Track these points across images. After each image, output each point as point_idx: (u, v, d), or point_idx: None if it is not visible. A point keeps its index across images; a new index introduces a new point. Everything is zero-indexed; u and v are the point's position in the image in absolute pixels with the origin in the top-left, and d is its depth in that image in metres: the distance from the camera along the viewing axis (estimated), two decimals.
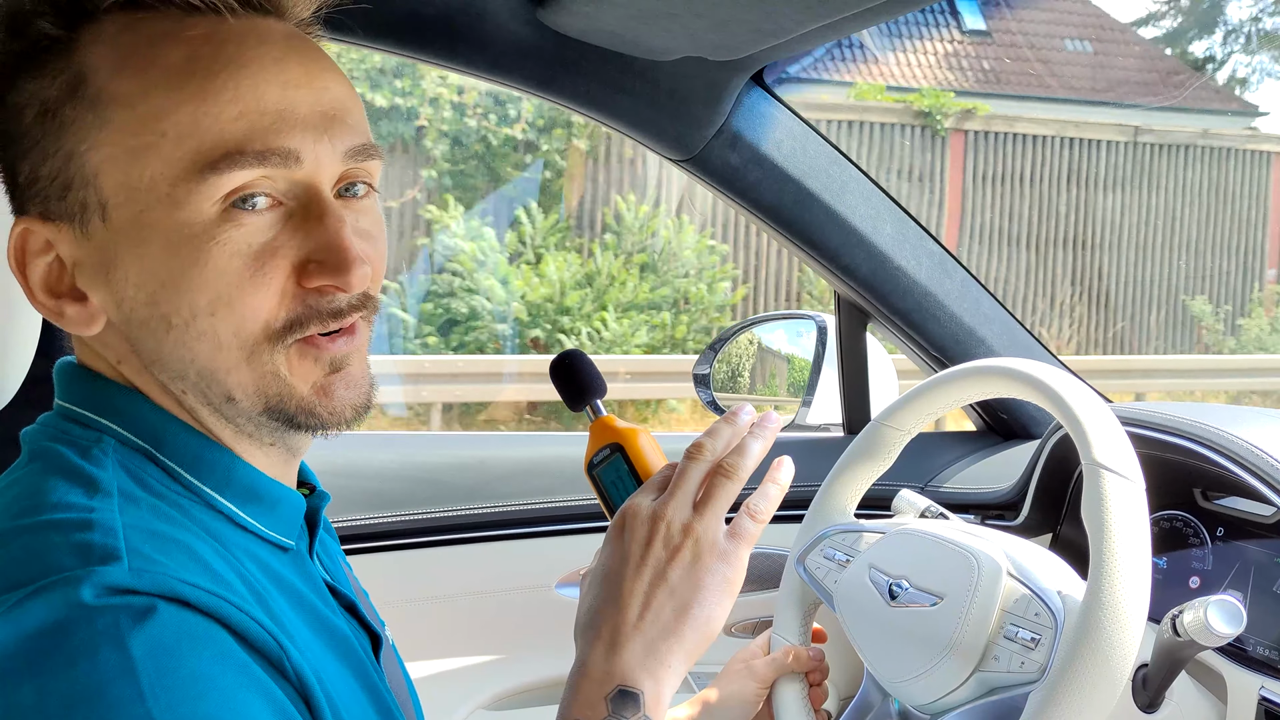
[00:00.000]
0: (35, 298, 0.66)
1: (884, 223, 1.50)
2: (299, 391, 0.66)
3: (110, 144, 0.63)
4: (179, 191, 0.62)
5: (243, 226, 0.63)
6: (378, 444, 1.63)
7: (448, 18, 1.20)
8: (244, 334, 0.64)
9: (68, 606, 0.53)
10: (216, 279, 0.63)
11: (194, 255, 0.62)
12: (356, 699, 0.68)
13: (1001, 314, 1.59)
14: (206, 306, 0.63)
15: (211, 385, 0.66)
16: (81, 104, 0.63)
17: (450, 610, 1.49)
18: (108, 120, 0.62)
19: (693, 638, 0.73)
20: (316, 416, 0.67)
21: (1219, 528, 1.17)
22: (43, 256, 0.66)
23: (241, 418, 0.68)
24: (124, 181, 0.62)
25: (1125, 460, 0.86)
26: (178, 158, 0.62)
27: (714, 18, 1.13)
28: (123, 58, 0.63)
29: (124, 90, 0.62)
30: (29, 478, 0.63)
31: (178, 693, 0.52)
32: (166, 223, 0.62)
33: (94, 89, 0.63)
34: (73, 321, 0.66)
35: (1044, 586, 0.91)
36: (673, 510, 0.75)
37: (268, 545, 0.70)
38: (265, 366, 0.65)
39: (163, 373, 0.67)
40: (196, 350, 0.64)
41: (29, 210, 0.66)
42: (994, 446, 1.65)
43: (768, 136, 1.40)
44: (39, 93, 0.64)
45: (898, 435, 1.11)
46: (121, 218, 0.63)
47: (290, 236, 0.65)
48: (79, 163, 0.63)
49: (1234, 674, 1.04)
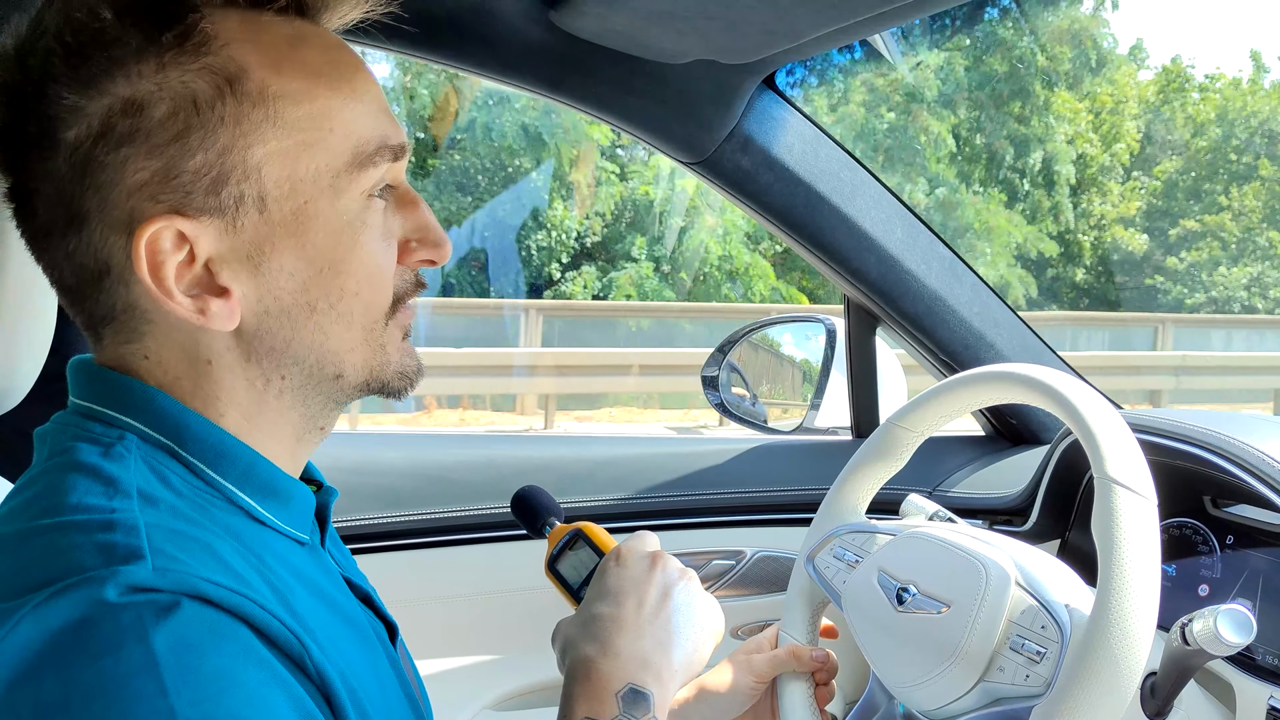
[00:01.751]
0: (173, 297, 0.64)
1: (895, 227, 1.50)
2: (392, 360, 0.73)
3: (278, 139, 0.65)
4: (340, 182, 0.67)
5: (378, 213, 0.70)
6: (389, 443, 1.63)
7: (459, 18, 1.20)
8: (373, 311, 0.70)
9: (91, 604, 0.54)
10: (369, 259, 0.69)
11: (352, 240, 0.68)
12: (380, 687, 0.69)
13: (1011, 319, 1.59)
14: (354, 287, 0.69)
15: (326, 365, 0.70)
16: (244, 100, 0.64)
17: (457, 610, 1.49)
18: (277, 117, 0.65)
19: (686, 658, 0.80)
20: (407, 379, 0.74)
21: (1229, 536, 1.16)
22: (176, 254, 0.64)
23: (330, 395, 0.72)
24: (289, 174, 0.66)
25: (1138, 475, 0.85)
26: (339, 151, 0.67)
27: (726, 20, 1.13)
28: (275, 57, 0.66)
29: (291, 88, 0.66)
30: (49, 476, 0.63)
31: (200, 689, 0.53)
32: (329, 212, 0.67)
33: (255, 86, 0.64)
34: (218, 317, 0.66)
35: (1052, 599, 0.91)
36: (668, 557, 0.86)
37: (285, 540, 0.70)
38: (377, 340, 0.71)
39: (278, 359, 0.68)
40: (330, 332, 0.69)
41: (151, 209, 0.64)
42: (1002, 451, 1.65)
43: (779, 140, 1.40)
44: (181, 88, 0.63)
45: (911, 436, 1.11)
46: (282, 210, 0.66)
47: (394, 219, 0.72)
48: (239, 157, 0.64)
49: (1243, 683, 1.04)
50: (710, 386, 1.76)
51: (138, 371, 0.68)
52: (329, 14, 0.71)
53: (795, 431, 1.69)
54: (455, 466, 1.52)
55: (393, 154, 0.70)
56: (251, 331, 0.67)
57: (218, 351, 0.68)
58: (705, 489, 1.59)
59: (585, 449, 1.64)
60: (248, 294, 0.66)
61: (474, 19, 1.20)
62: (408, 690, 0.75)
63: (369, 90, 0.69)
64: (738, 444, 1.68)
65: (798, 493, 1.57)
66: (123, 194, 0.63)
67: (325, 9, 0.70)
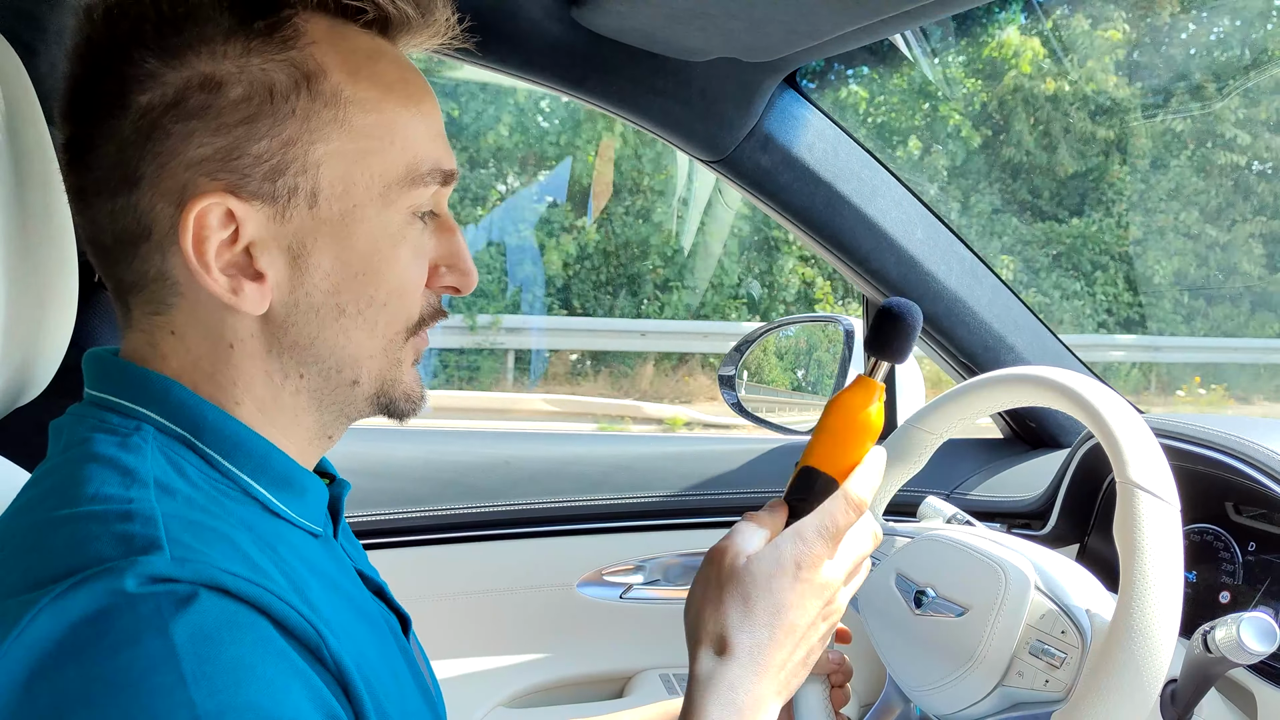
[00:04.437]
0: (210, 272, 0.65)
1: (915, 227, 1.49)
2: (403, 380, 0.74)
3: (341, 141, 0.67)
4: (391, 194, 0.69)
5: (417, 230, 0.71)
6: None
7: (481, 15, 1.20)
8: (395, 325, 0.71)
9: (111, 595, 0.54)
10: (402, 273, 0.70)
11: (390, 251, 0.69)
12: (394, 679, 0.70)
13: (1032, 321, 1.58)
14: (383, 297, 0.70)
15: (344, 370, 0.71)
16: (318, 98, 0.66)
17: (472, 607, 1.49)
18: (345, 120, 0.67)
19: (790, 691, 0.76)
20: (413, 403, 0.75)
21: (1251, 542, 1.15)
22: (221, 232, 0.65)
23: (344, 403, 0.72)
24: (344, 176, 0.67)
25: (1161, 481, 0.85)
26: (396, 164, 0.69)
27: (748, 18, 1.12)
28: (354, 64, 0.68)
29: (363, 96, 0.68)
30: (65, 468, 0.63)
31: (219, 679, 0.53)
32: (374, 220, 0.69)
33: (330, 87, 0.66)
34: (249, 300, 0.67)
35: (1072, 604, 0.90)
36: (835, 574, 0.77)
37: (300, 532, 0.71)
38: (394, 355, 0.72)
39: (299, 355, 0.69)
40: (353, 336, 0.70)
41: (207, 185, 0.65)
42: (1021, 455, 1.64)
43: (800, 139, 1.39)
44: (260, 75, 0.65)
45: (929, 439, 1.11)
46: (331, 209, 0.67)
47: (430, 241, 0.73)
48: (301, 150, 0.66)
49: (1264, 691, 1.02)
50: (727, 386, 1.75)
51: (160, 350, 0.69)
52: (409, 38, 0.74)
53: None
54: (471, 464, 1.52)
55: (443, 177, 0.72)
56: (279, 322, 0.68)
57: (241, 337, 0.68)
58: (724, 489, 1.59)
59: (597, 447, 1.64)
60: (281, 283, 0.67)
61: (496, 16, 1.20)
62: (420, 682, 0.75)
63: (433, 113, 0.72)
64: (757, 444, 1.68)
65: None
66: (181, 165, 0.65)
67: (406, 32, 0.73)
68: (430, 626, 1.37)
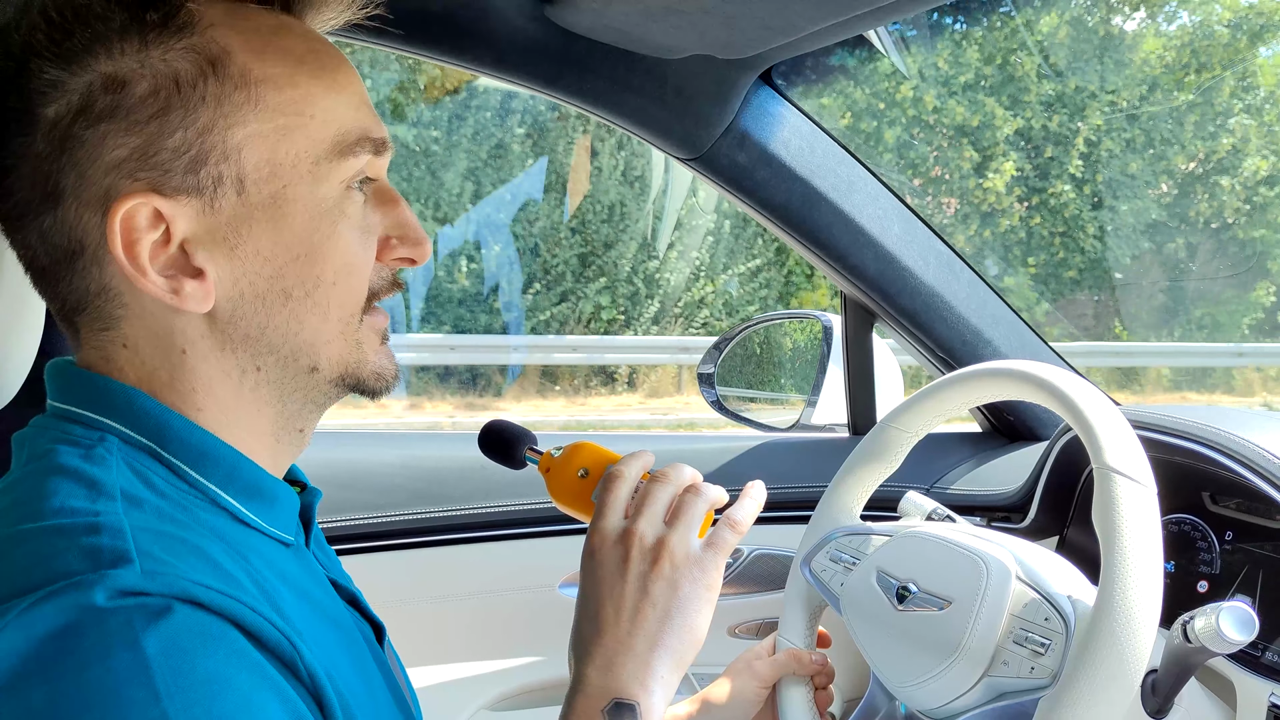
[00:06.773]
0: (146, 276, 0.64)
1: (892, 223, 1.49)
2: (370, 359, 0.72)
3: (259, 122, 0.65)
4: (320, 169, 0.67)
5: (357, 205, 0.70)
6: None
7: (454, 14, 1.19)
8: (348, 304, 0.70)
9: (79, 610, 0.52)
10: (345, 249, 0.69)
11: (330, 229, 0.68)
12: (368, 689, 0.69)
13: (1009, 315, 1.59)
14: (330, 276, 0.68)
15: (301, 357, 0.69)
16: (227, 81, 0.65)
17: (452, 611, 1.48)
18: (259, 100, 0.65)
19: (679, 646, 0.76)
20: (384, 380, 0.74)
21: (1227, 532, 1.16)
22: (151, 233, 0.64)
23: (307, 390, 0.71)
24: (269, 158, 0.66)
25: (1137, 464, 0.86)
26: (321, 139, 0.67)
27: (722, 15, 1.12)
28: (258, 42, 0.66)
29: (272, 74, 0.66)
30: (28, 481, 0.62)
31: (193, 693, 0.52)
32: (307, 198, 0.67)
33: (238, 68, 0.65)
34: (192, 299, 0.65)
35: (1054, 591, 0.90)
36: (643, 526, 0.79)
37: (270, 541, 0.70)
38: (352, 336, 0.71)
39: (252, 347, 0.68)
40: (305, 321, 0.68)
41: (128, 186, 0.63)
42: (1000, 448, 1.64)
43: (776, 135, 1.39)
44: (163, 66, 0.63)
45: (905, 437, 1.11)
46: (260, 193, 0.66)
47: (373, 215, 0.71)
48: (218, 137, 0.64)
49: (1244, 680, 1.03)
50: (706, 384, 1.75)
51: (117, 364, 0.67)
52: (314, 13, 0.72)
53: (792, 429, 1.69)
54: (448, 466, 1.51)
55: (374, 147, 0.70)
56: (227, 317, 0.67)
57: (192, 339, 0.67)
58: None
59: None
60: (223, 277, 0.66)
61: (469, 15, 1.19)
62: (396, 692, 0.74)
63: (351, 82, 0.70)
64: (735, 441, 1.68)
65: (795, 490, 1.56)
66: (100, 170, 0.63)
67: (310, 8, 0.71)
68: (411, 631, 1.36)
